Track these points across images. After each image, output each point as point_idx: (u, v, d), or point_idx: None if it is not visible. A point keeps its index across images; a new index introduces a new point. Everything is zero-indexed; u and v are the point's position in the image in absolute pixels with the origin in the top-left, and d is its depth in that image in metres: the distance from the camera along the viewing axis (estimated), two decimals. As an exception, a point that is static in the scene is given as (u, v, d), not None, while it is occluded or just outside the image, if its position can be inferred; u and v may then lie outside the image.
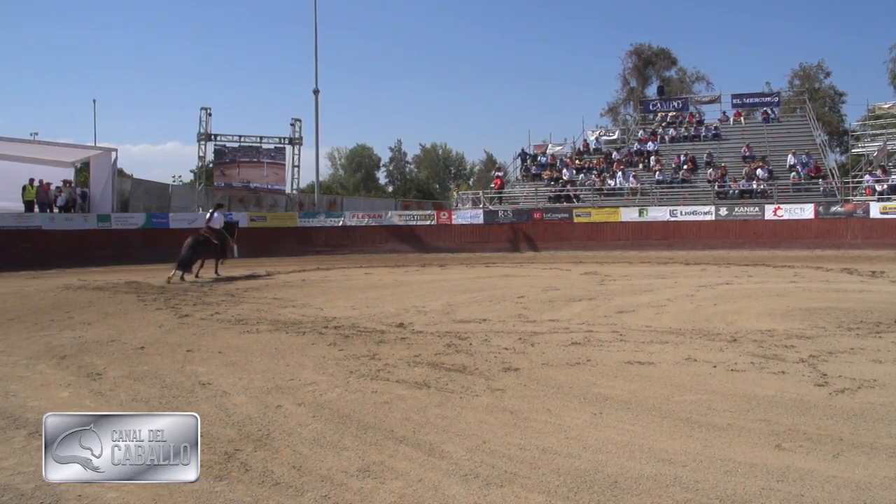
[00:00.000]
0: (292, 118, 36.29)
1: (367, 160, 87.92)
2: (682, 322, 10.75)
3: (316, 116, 38.42)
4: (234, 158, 35.56)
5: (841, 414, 5.86)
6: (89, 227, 29.70)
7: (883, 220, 28.14)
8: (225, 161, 35.45)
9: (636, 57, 63.76)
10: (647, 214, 31.42)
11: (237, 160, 35.57)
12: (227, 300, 14.13)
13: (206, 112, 35.02)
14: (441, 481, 4.50)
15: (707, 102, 43.78)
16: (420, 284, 17.40)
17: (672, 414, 5.94)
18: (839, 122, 59.12)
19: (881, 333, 9.54)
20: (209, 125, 35.04)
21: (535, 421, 5.78)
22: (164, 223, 31.00)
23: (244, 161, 35.52)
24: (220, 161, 35.46)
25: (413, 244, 32.61)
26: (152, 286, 17.06)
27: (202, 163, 36.14)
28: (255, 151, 35.75)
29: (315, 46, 37.40)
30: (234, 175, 35.45)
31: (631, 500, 4.21)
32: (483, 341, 9.26)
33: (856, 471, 4.61)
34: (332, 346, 9.10)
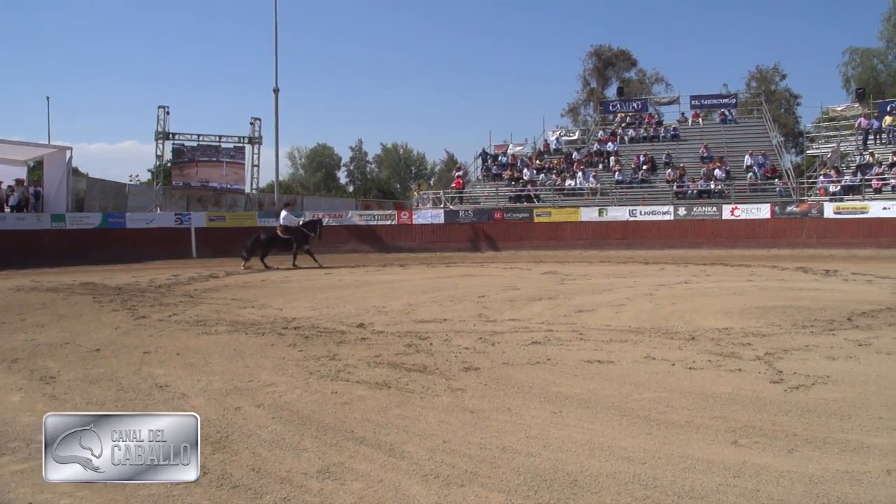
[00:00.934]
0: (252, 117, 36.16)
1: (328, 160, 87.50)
2: (641, 321, 10.85)
3: (276, 115, 38.12)
4: (193, 158, 35.22)
5: (795, 410, 5.95)
6: (43, 227, 29.13)
7: (836, 220, 28.71)
8: (183, 160, 35.09)
9: (596, 58, 64.16)
10: (606, 214, 31.66)
11: (196, 159, 35.24)
12: (186, 301, 13.95)
13: (164, 110, 34.64)
14: (401, 482, 4.48)
15: (666, 103, 44.29)
16: (380, 284, 17.34)
17: (631, 412, 5.98)
18: (794, 124, 60.15)
19: (834, 331, 9.71)
20: (167, 124, 34.67)
21: (495, 420, 5.78)
22: (121, 223, 30.58)
23: (203, 160, 35.19)
24: (179, 160, 35.10)
25: (374, 244, 32.50)
26: (108, 287, 16.78)
27: (160, 162, 35.74)
28: (213, 151, 35.43)
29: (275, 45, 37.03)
30: (193, 174, 35.11)
31: (591, 497, 4.23)
32: (443, 341, 9.25)
33: (809, 465, 4.68)
34: (291, 346, 9.02)
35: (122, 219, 30.94)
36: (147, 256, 27.71)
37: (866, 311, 11.34)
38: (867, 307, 11.81)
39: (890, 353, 8.26)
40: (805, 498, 4.17)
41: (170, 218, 31.97)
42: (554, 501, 4.19)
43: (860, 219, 28.42)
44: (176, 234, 30.98)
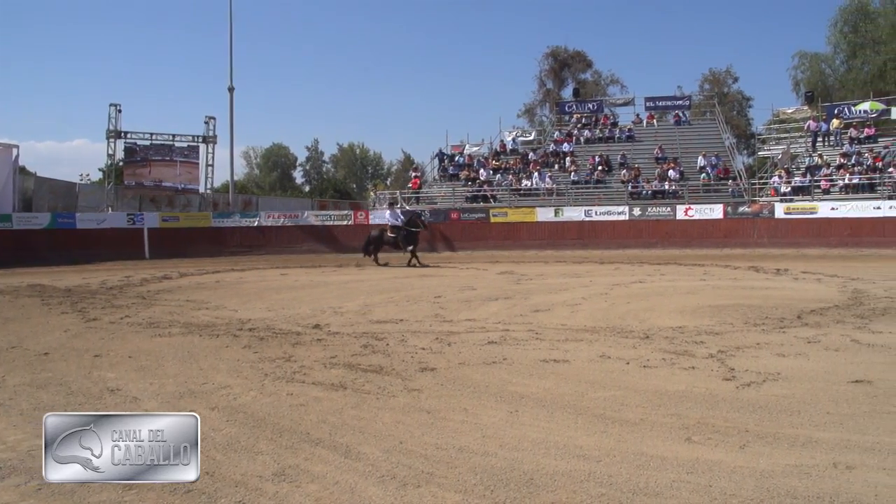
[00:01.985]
0: (206, 116, 35.72)
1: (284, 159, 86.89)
2: (597, 320, 10.93)
3: (231, 114, 37.72)
4: (146, 157, 34.70)
5: (747, 407, 6.04)
6: (-12, 227, 28.49)
7: (787, 220, 29.29)
8: (136, 159, 34.55)
9: (552, 59, 64.49)
10: (562, 214, 31.88)
11: (149, 158, 34.72)
12: (138, 303, 13.73)
13: (115, 108, 34.07)
14: (357, 483, 4.45)
15: (621, 105, 44.75)
16: (336, 285, 17.26)
17: (586, 410, 6.01)
18: (746, 126, 61.14)
19: (785, 329, 9.88)
20: (119, 122, 34.12)
21: (451, 420, 5.78)
22: (71, 223, 30.06)
23: (156, 159, 34.69)
24: (131, 159, 34.55)
25: (330, 244, 32.37)
26: (58, 289, 16.46)
27: (112, 161, 35.12)
28: (167, 150, 34.94)
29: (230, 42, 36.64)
30: (146, 174, 34.60)
31: (546, 496, 4.24)
32: (400, 341, 9.23)
33: (760, 460, 4.75)
34: (246, 348, 8.92)
35: (73, 219, 30.41)
36: (98, 257, 27.30)
37: (815, 310, 11.56)
38: (816, 305, 12.04)
39: (838, 349, 8.43)
40: (756, 492, 4.23)
41: (122, 218, 31.50)
42: (510, 500, 4.19)
43: (809, 219, 29.02)
44: (128, 235, 30.59)
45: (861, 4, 48.19)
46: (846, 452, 4.88)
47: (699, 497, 4.18)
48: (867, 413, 5.82)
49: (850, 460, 4.71)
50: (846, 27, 48.67)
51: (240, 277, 19.88)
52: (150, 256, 29.80)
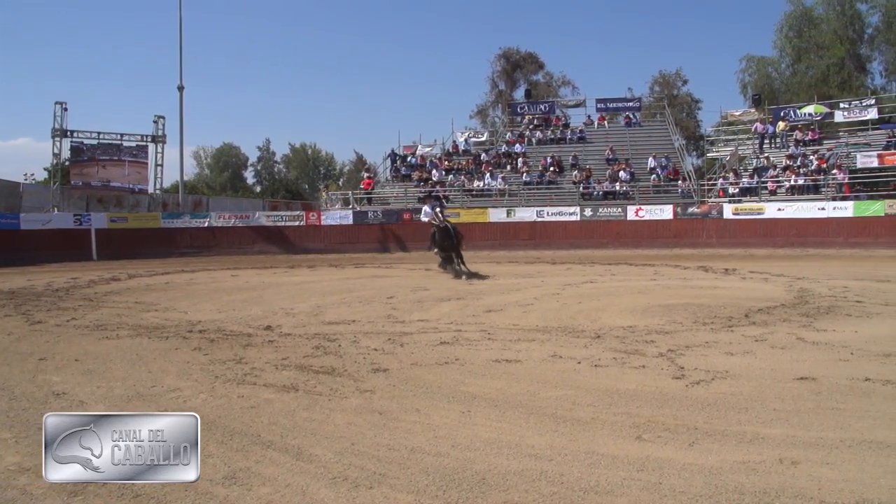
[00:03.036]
0: (155, 115, 35.18)
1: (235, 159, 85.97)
2: (548, 320, 10.99)
3: (180, 113, 37.28)
4: (93, 156, 34.02)
5: (696, 405, 6.12)
6: (-74, 228, 27.71)
7: (735, 221, 29.83)
8: (83, 159, 33.86)
9: (504, 60, 64.72)
10: (514, 215, 32.05)
11: (96, 158, 34.04)
12: (85, 305, 13.46)
13: (61, 107, 33.34)
14: (309, 485, 4.42)
15: (573, 106, 44.98)
16: (288, 286, 17.12)
17: (538, 410, 6.04)
18: (696, 128, 62.03)
19: (733, 327, 10.04)
20: (65, 120, 33.40)
21: (403, 421, 5.76)
22: (15, 224, 29.32)
23: (104, 159, 34.02)
24: (78, 159, 33.85)
25: (281, 245, 32.12)
26: (1, 291, 16.08)
27: (57, 160, 34.36)
28: (115, 149, 34.32)
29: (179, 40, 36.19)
30: (93, 174, 33.92)
31: (499, 495, 4.25)
32: (352, 342, 9.18)
33: (709, 457, 4.82)
34: (196, 350, 8.79)
35: (16, 219, 29.66)
36: (43, 259, 26.73)
37: (762, 308, 11.77)
38: (763, 304, 12.26)
39: (784, 347, 8.59)
40: (705, 488, 4.29)
41: (68, 219, 30.84)
42: (462, 500, 4.19)
43: (757, 219, 29.58)
44: (75, 236, 29.98)
45: (805, 10, 49.36)
46: (791, 448, 4.98)
47: (649, 494, 4.22)
48: (812, 409, 5.95)
49: (795, 456, 4.81)
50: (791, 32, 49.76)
51: (190, 279, 19.60)
52: (98, 258, 29.26)
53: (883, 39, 48.61)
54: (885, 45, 48.78)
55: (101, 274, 20.76)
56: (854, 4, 48.46)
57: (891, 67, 49.18)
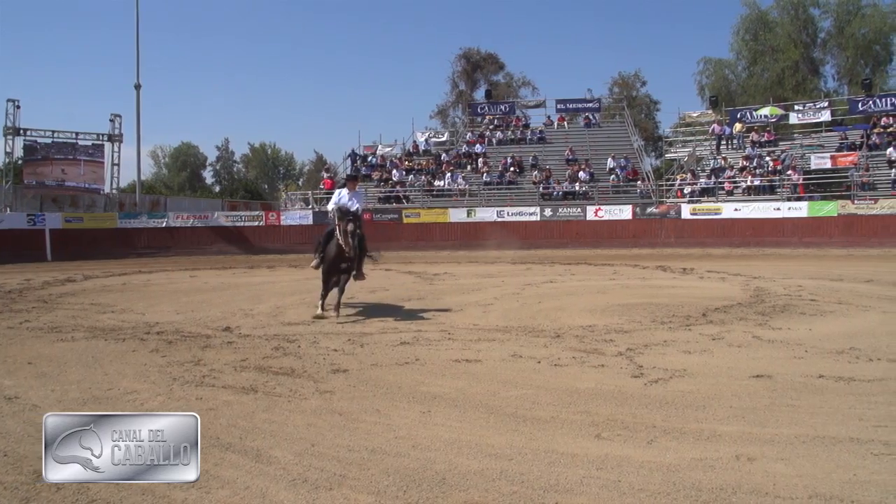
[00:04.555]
0: (112, 114, 34.75)
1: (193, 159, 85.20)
2: (509, 320, 11.02)
3: (137, 112, 36.72)
4: (47, 155, 33.46)
5: (655, 403, 6.18)
6: None
7: (692, 221, 30.23)
8: (36, 158, 33.27)
9: (465, 61, 64.85)
10: (475, 215, 32.13)
11: (50, 157, 33.50)
12: (39, 307, 13.19)
13: (13, 104, 32.75)
14: (269, 488, 4.36)
15: (533, 107, 45.23)
16: (247, 287, 16.97)
17: (498, 409, 6.05)
18: (654, 129, 62.84)
19: (690, 326, 10.15)
20: (17, 118, 32.79)
21: (364, 422, 5.73)
22: (-35, 223, 28.75)
23: (58, 158, 33.46)
24: (31, 158, 33.26)
25: (240, 245, 31.84)
26: (-49, 292, 15.71)
27: (9, 159, 33.72)
28: (70, 148, 33.78)
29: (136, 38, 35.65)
30: (48, 173, 33.37)
31: (459, 495, 4.24)
32: (312, 343, 9.12)
33: (667, 455, 4.87)
34: (154, 352, 8.65)
35: (-34, 219, 29.08)
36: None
37: (719, 307, 11.92)
38: (720, 303, 12.42)
39: (740, 346, 8.71)
40: (663, 485, 4.32)
41: (21, 219, 30.24)
42: (423, 501, 4.18)
43: (714, 219, 30.00)
44: (28, 236, 29.43)
45: (761, 14, 50.29)
46: (747, 445, 5.04)
47: (608, 492, 4.25)
48: (767, 406, 6.03)
49: (751, 452, 4.87)
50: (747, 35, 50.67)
51: (147, 280, 19.32)
52: (53, 258, 28.73)
53: (835, 44, 49.82)
54: (836, 50, 49.97)
55: (55, 275, 20.34)
56: (807, 9, 49.57)
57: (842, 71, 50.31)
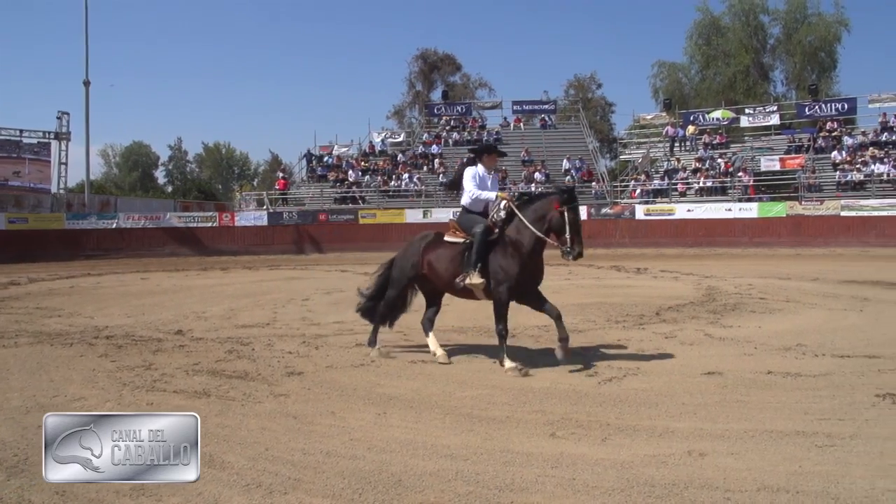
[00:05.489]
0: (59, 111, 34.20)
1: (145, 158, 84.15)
2: (464, 320, 11.06)
3: (86, 110, 36.17)
4: (-11, 153, 32.73)
5: (609, 401, 6.23)
6: None
7: (647, 221, 30.60)
8: (-23, 156, 32.54)
9: (422, 61, 64.79)
10: (431, 216, 32.12)
11: (-7, 156, 32.77)
12: (-19, 311, 12.89)
13: (-45, 102, 32.01)
14: (222, 493, 4.29)
15: (489, 108, 45.38)
16: (200, 289, 16.77)
17: (454, 410, 6.05)
18: (609, 130, 63.50)
19: (644, 325, 10.26)
20: (-41, 116, 32.03)
21: (319, 425, 5.69)
22: None
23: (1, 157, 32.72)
24: (-28, 156, 32.52)
25: (193, 247, 31.45)
26: None
27: (-51, 158, 32.95)
28: (14, 146, 33.07)
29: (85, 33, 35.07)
30: (-11, 172, 32.64)
31: (414, 496, 4.23)
32: (266, 346, 9.04)
33: (621, 452, 4.91)
34: (103, 357, 8.48)
35: None
36: (-65, 262, 25.51)
37: (672, 306, 12.07)
38: (673, 302, 12.58)
39: (692, 344, 8.83)
40: (617, 482, 4.35)
41: (-40, 220, 29.52)
42: (378, 503, 4.16)
43: (667, 220, 30.40)
44: (-31, 238, 28.71)
45: (713, 19, 51.11)
46: (699, 440, 5.11)
47: (563, 490, 4.27)
48: (718, 403, 6.13)
49: (702, 448, 4.94)
50: (700, 40, 51.44)
51: (97, 282, 18.99)
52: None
53: (783, 50, 50.95)
54: (785, 56, 51.09)
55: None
56: (758, 16, 50.55)
57: (790, 77, 51.38)
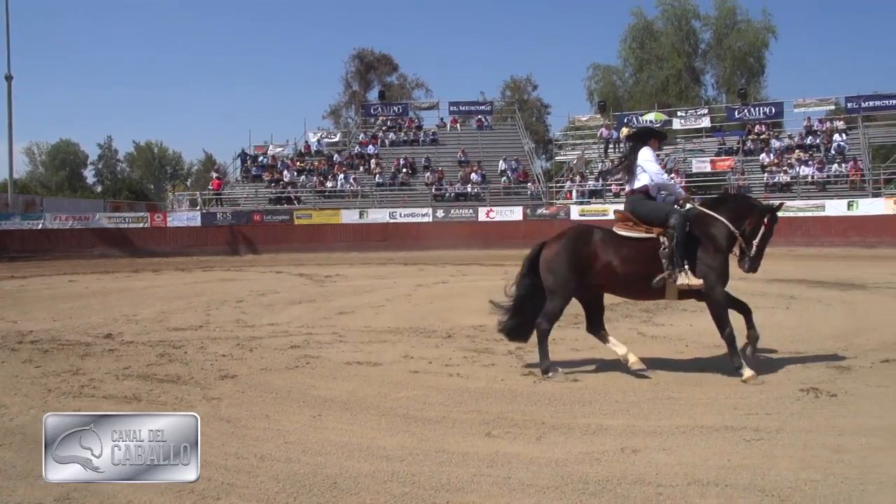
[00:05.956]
0: (-22, 107, 33.02)
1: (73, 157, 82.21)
2: (400, 321, 11.03)
3: (9, 106, 35.13)
4: None
5: (543, 400, 6.30)
6: None
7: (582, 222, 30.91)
8: None
9: (359, 61, 64.57)
10: (367, 216, 32.08)
11: None
12: None
13: None
14: (153, 500, 4.18)
15: (426, 109, 45.41)
16: (131, 291, 16.41)
17: (390, 411, 6.04)
18: (545, 132, 64.17)
19: (578, 325, 10.30)
20: None
21: (253, 428, 5.62)
22: None
23: (-84, 155, 31.63)
24: None
25: (124, 248, 30.75)
26: None
27: None
28: (-68, 144, 31.93)
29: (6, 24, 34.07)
30: None
31: (350, 499, 4.21)
32: (199, 349, 8.89)
33: (555, 450, 4.97)
34: (27, 363, 8.21)
35: None
36: None
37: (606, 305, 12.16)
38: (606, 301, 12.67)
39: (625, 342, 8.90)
40: (551, 480, 4.40)
41: None
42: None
43: (602, 220, 30.74)
44: None
45: (647, 23, 52.12)
46: (632, 437, 5.20)
47: (498, 489, 4.29)
48: (650, 400, 6.25)
49: (635, 444, 5.02)
50: (634, 43, 52.41)
51: (21, 285, 18.43)
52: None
53: (714, 55, 52.28)
54: (715, 60, 52.38)
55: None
56: (689, 21, 51.73)
57: (721, 81, 52.68)
